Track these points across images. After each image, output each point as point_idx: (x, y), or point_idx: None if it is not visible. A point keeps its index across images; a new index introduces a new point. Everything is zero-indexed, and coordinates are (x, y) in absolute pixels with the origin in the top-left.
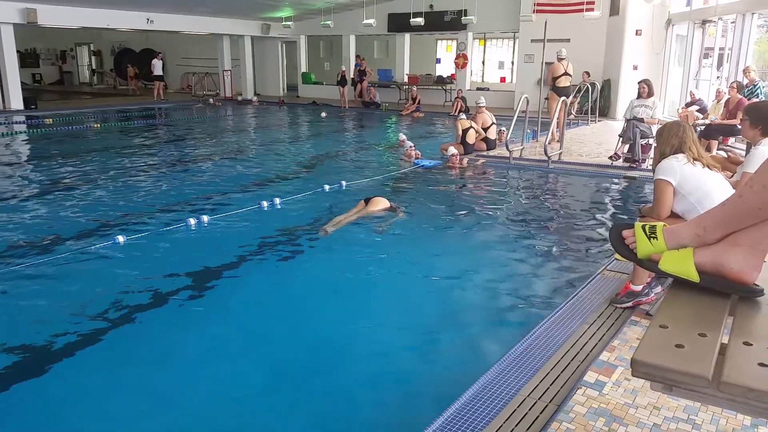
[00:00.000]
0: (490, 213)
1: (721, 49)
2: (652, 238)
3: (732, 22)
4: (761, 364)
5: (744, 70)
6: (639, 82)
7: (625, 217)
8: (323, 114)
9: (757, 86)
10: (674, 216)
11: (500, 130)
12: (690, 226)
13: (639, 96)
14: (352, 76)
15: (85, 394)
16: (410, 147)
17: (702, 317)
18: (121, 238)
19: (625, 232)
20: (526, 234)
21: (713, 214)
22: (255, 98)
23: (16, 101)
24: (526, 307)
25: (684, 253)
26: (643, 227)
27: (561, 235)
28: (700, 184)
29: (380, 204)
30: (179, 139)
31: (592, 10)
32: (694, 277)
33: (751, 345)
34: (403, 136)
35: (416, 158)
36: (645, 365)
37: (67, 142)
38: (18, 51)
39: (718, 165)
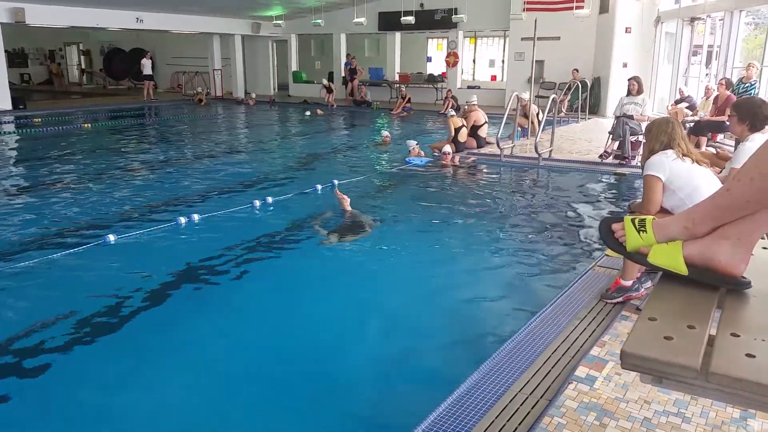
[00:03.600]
0: (482, 210)
1: (709, 46)
2: (641, 231)
3: (720, 20)
4: (749, 355)
5: (748, 65)
6: (629, 80)
7: (616, 212)
8: (307, 113)
9: (753, 85)
10: (664, 211)
11: None
12: (679, 219)
13: (629, 93)
14: (343, 74)
15: (81, 395)
16: (415, 145)
17: (690, 310)
18: (111, 238)
19: (615, 226)
20: (517, 231)
21: (702, 207)
22: (253, 96)
23: (4, 101)
24: (517, 303)
25: (673, 246)
26: (633, 220)
27: (551, 231)
28: (689, 180)
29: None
30: (169, 138)
31: (581, 7)
32: (683, 270)
33: (739, 336)
34: (386, 134)
35: (417, 155)
36: (634, 357)
37: (57, 142)
38: (6, 51)
39: (706, 161)
